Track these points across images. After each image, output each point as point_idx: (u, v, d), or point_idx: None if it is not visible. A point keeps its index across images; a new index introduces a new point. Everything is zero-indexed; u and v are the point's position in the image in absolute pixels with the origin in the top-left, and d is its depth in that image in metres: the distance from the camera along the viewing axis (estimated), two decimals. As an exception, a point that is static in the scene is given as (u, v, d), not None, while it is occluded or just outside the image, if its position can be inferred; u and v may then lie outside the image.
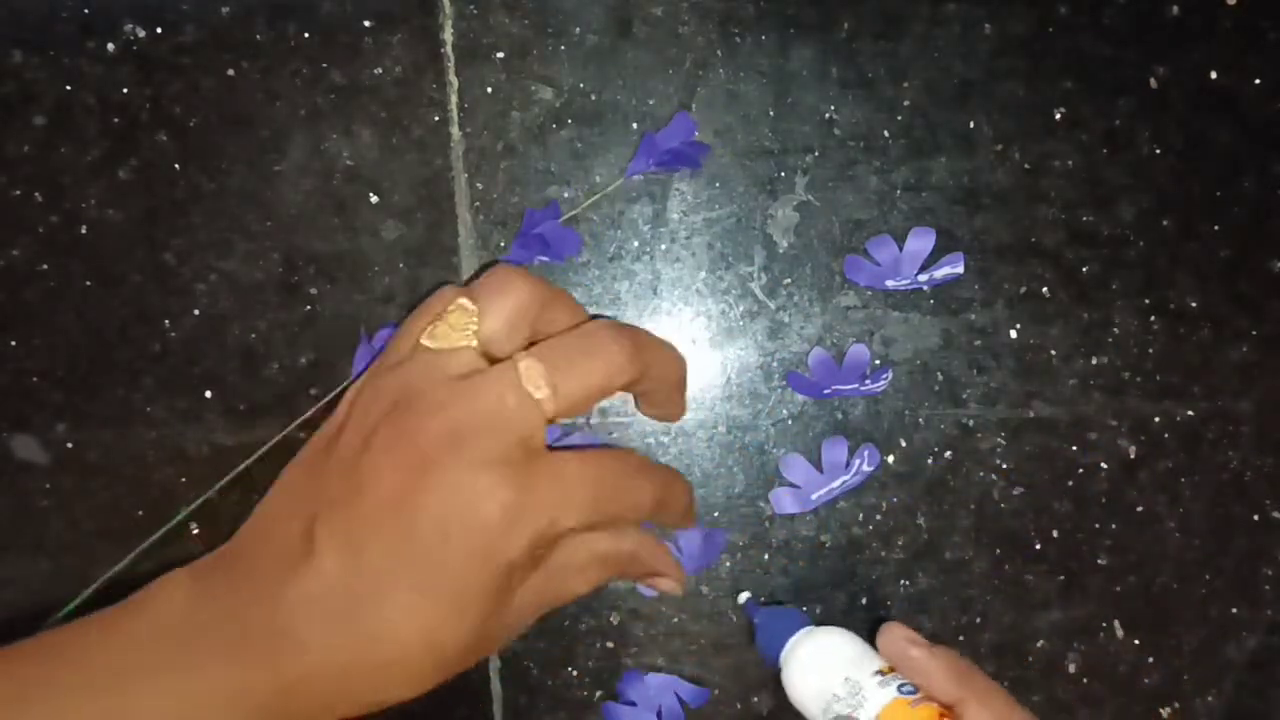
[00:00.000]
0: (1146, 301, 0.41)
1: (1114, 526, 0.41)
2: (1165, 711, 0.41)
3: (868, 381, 0.40)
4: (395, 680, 0.29)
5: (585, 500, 0.30)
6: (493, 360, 0.30)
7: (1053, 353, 0.41)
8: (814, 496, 0.40)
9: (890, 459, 0.40)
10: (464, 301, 0.31)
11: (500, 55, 0.40)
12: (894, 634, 0.35)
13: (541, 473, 0.29)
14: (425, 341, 0.30)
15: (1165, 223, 0.41)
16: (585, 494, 0.30)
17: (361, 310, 0.40)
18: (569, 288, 0.40)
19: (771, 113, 0.40)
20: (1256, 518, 0.41)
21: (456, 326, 0.31)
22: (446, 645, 0.29)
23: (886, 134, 0.40)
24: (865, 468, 0.40)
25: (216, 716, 0.28)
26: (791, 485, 0.40)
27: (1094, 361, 0.41)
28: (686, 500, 0.35)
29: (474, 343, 0.30)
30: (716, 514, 0.40)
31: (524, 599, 0.30)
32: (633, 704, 0.40)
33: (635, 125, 0.40)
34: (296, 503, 0.30)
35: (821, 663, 0.35)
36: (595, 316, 0.34)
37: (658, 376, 0.32)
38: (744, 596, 0.40)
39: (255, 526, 0.31)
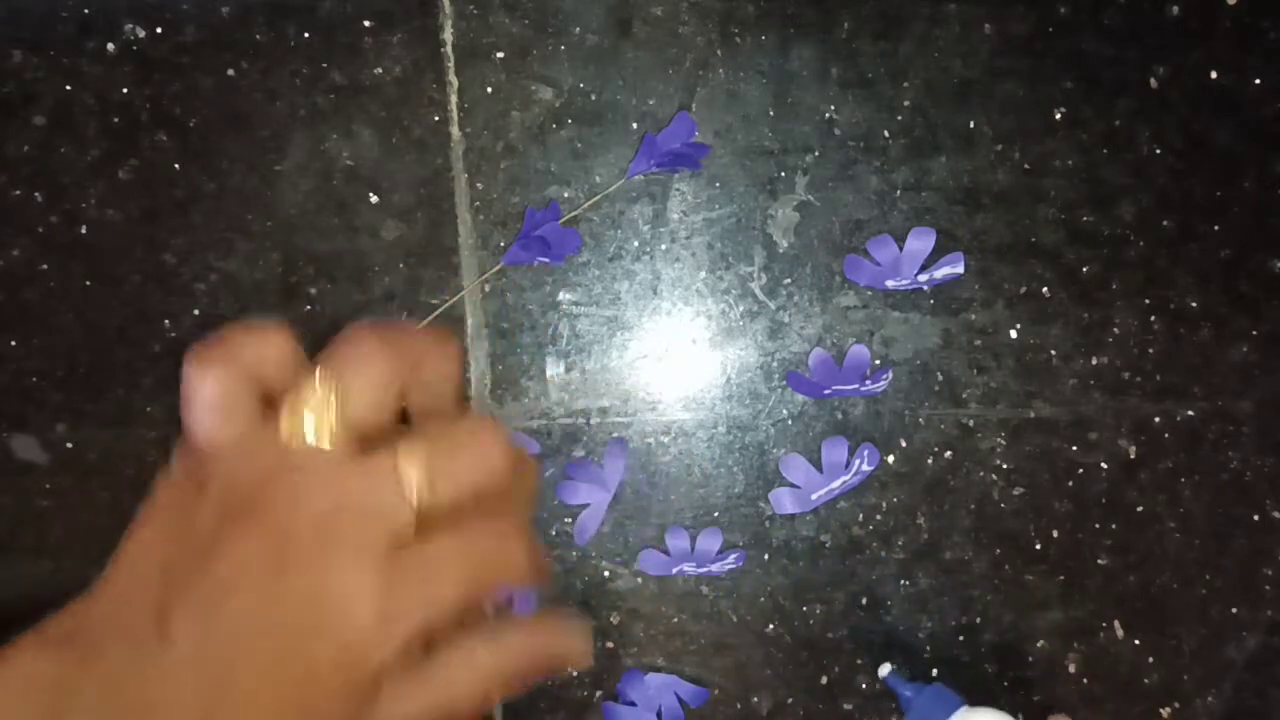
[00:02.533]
0: (1146, 301, 0.41)
1: (1114, 526, 0.41)
2: (1165, 711, 0.41)
3: (868, 382, 0.40)
4: None
5: (463, 592, 0.28)
6: (360, 436, 0.29)
7: (1053, 353, 0.41)
8: (814, 496, 0.40)
9: (890, 459, 0.40)
10: (318, 385, 0.29)
11: (500, 55, 0.40)
12: None
13: (412, 571, 0.27)
14: (285, 424, 0.28)
15: (1165, 223, 0.41)
16: (463, 586, 0.28)
17: (361, 310, 0.40)
18: (569, 288, 0.40)
19: (771, 113, 0.40)
20: (1256, 518, 0.41)
21: (314, 418, 0.28)
22: None
23: (886, 134, 0.40)
24: (865, 468, 0.40)
25: None
26: (791, 485, 0.40)
27: (1094, 361, 0.41)
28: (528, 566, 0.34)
29: (334, 425, 0.28)
30: (716, 514, 0.40)
31: (396, 709, 0.29)
32: (633, 704, 0.40)
33: (635, 125, 0.40)
34: (149, 576, 0.28)
35: None
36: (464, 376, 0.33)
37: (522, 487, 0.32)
38: (886, 670, 0.40)
39: (107, 596, 0.29)
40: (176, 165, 0.40)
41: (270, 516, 0.27)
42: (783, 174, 0.40)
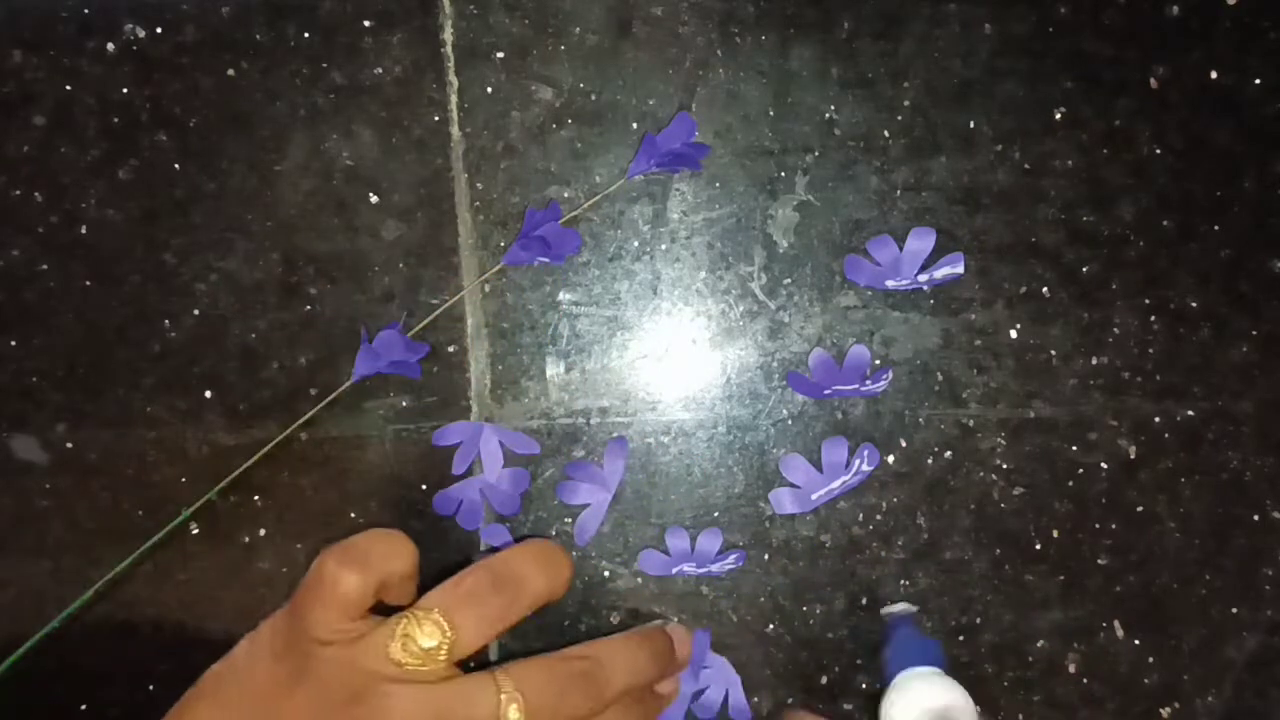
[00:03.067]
0: (1146, 301, 0.41)
1: (1114, 526, 0.41)
2: (1165, 711, 0.41)
3: (868, 382, 0.40)
4: None
5: None
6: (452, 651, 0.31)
7: (1053, 353, 0.41)
8: (814, 496, 0.40)
9: (890, 459, 0.40)
10: (440, 620, 0.30)
11: (500, 55, 0.40)
12: None
13: None
14: (396, 645, 0.30)
15: (1165, 223, 0.41)
16: None
17: (361, 310, 0.40)
18: (569, 288, 0.40)
19: (771, 113, 0.40)
20: (1256, 518, 0.41)
21: (431, 650, 0.30)
22: None
23: (886, 134, 0.40)
24: (865, 468, 0.40)
25: None
26: (791, 485, 0.40)
27: (1094, 361, 0.41)
28: (670, 659, 0.36)
29: (442, 658, 0.30)
30: (716, 514, 0.40)
31: None
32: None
33: (635, 125, 0.40)
34: None
35: (920, 706, 0.35)
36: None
37: (626, 681, 0.34)
38: (893, 609, 0.40)
39: None
40: (176, 165, 0.40)
41: None
42: (783, 174, 0.40)
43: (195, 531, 0.40)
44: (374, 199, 0.40)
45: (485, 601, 0.31)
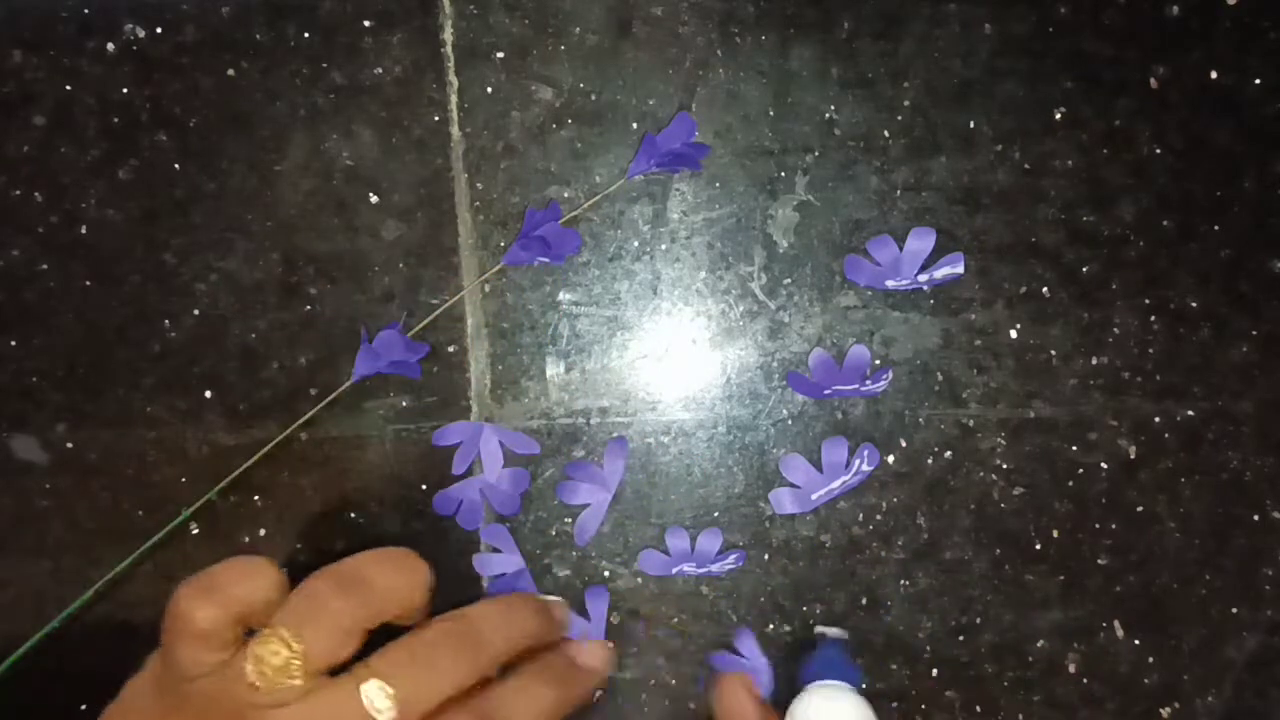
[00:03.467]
0: (1146, 301, 0.41)
1: (1114, 526, 0.41)
2: (1165, 711, 0.41)
3: (868, 382, 0.40)
4: None
5: None
6: (328, 666, 0.30)
7: (1053, 353, 0.41)
8: (814, 496, 0.40)
9: (890, 459, 0.41)
10: (284, 634, 0.29)
11: (500, 55, 0.40)
12: None
13: None
14: (250, 669, 0.29)
15: (1165, 223, 0.41)
16: None
17: (361, 310, 0.40)
18: (569, 288, 0.40)
19: (771, 113, 0.40)
20: (1256, 518, 0.41)
21: (281, 666, 0.29)
22: None
23: (886, 134, 0.40)
24: (865, 468, 0.40)
25: None
26: (791, 485, 0.40)
27: (1094, 361, 0.41)
28: (549, 619, 0.36)
29: (297, 677, 0.29)
30: (716, 514, 0.40)
31: None
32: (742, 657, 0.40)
33: (635, 125, 0.40)
34: None
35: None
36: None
37: (505, 644, 0.33)
38: (824, 631, 0.40)
39: None
40: (176, 165, 0.40)
41: None
42: (783, 174, 0.40)
43: (195, 531, 0.40)
44: (374, 199, 0.40)
45: (329, 608, 0.30)
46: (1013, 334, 0.41)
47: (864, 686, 0.37)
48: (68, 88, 0.39)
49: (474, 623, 0.32)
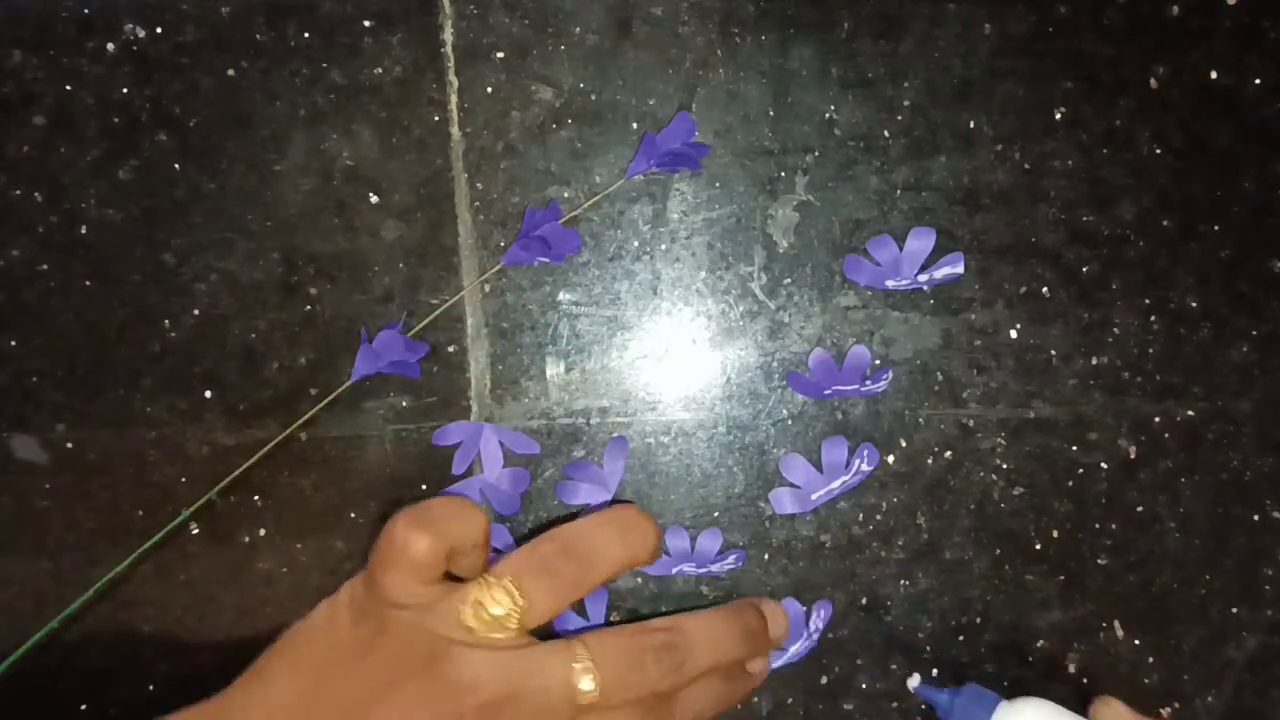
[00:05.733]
0: (1146, 301, 0.41)
1: (1114, 526, 0.41)
2: (1165, 711, 0.41)
3: (868, 382, 0.40)
4: None
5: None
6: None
7: (1053, 353, 0.41)
8: (814, 496, 0.40)
9: (890, 459, 0.40)
10: (510, 587, 0.30)
11: (500, 55, 0.40)
12: (1114, 708, 0.35)
13: None
14: (469, 610, 0.30)
15: (1165, 223, 0.41)
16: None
17: (361, 310, 0.40)
18: (569, 288, 0.40)
19: (771, 113, 0.40)
20: (1256, 518, 0.41)
21: (502, 615, 0.30)
22: None
23: (886, 134, 0.40)
24: (865, 468, 0.40)
25: None
26: (791, 485, 0.40)
27: (1094, 361, 0.41)
28: (761, 637, 0.35)
29: (514, 627, 0.30)
30: (716, 514, 0.40)
31: None
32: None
33: (635, 125, 0.40)
34: (293, 701, 0.29)
35: None
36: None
37: (705, 655, 0.33)
38: (914, 682, 0.40)
39: (242, 704, 0.30)
40: (176, 165, 0.40)
41: (439, 690, 0.28)
42: (783, 174, 0.40)
43: (195, 531, 0.40)
44: (374, 199, 0.40)
45: (557, 570, 0.31)
46: (1013, 334, 0.41)
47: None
48: (68, 88, 0.39)
49: (689, 635, 0.33)
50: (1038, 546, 0.41)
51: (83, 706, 0.40)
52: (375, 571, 0.30)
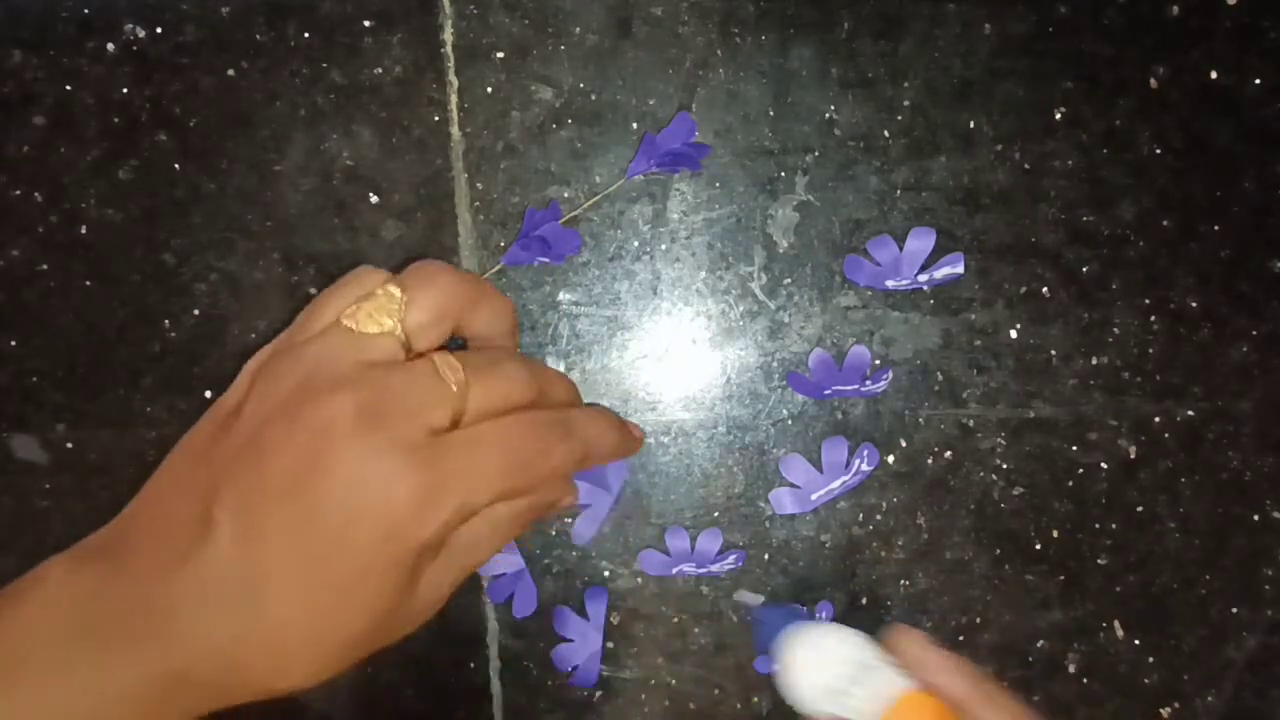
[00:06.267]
0: (1146, 301, 0.41)
1: (1114, 526, 0.41)
2: (1165, 711, 0.41)
3: (868, 382, 0.40)
4: (290, 669, 0.28)
5: (498, 478, 0.29)
6: (409, 354, 0.31)
7: (1053, 353, 0.41)
8: (814, 496, 0.40)
9: (890, 459, 0.41)
10: (393, 289, 0.31)
11: (500, 55, 0.40)
12: (904, 632, 0.35)
13: (452, 455, 0.29)
14: (346, 322, 0.30)
15: (1165, 223, 0.41)
16: (497, 472, 0.29)
17: (361, 310, 0.40)
18: (569, 288, 0.40)
19: (771, 113, 0.40)
20: (1256, 518, 0.41)
21: (381, 312, 0.30)
22: (342, 636, 0.28)
23: (886, 134, 0.40)
24: (865, 468, 0.40)
25: (108, 708, 0.27)
26: (791, 485, 0.40)
27: (1094, 361, 0.41)
28: (614, 440, 0.35)
29: (397, 330, 0.30)
30: (716, 514, 0.40)
31: (432, 581, 0.30)
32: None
33: (635, 125, 0.40)
34: (193, 478, 0.29)
35: (824, 655, 0.34)
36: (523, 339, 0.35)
37: (556, 401, 0.34)
38: (742, 594, 0.40)
39: (146, 505, 0.30)
40: (176, 165, 0.40)
41: (313, 408, 0.28)
42: (783, 174, 0.40)
43: (195, 531, 0.40)
44: (374, 199, 0.40)
45: (439, 278, 0.32)
46: (1013, 334, 0.41)
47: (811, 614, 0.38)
48: (68, 88, 0.39)
49: (535, 362, 0.34)
50: (1038, 546, 0.41)
51: (83, 706, 0.40)
52: (303, 316, 0.32)
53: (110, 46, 0.39)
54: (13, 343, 0.40)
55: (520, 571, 0.40)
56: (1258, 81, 0.41)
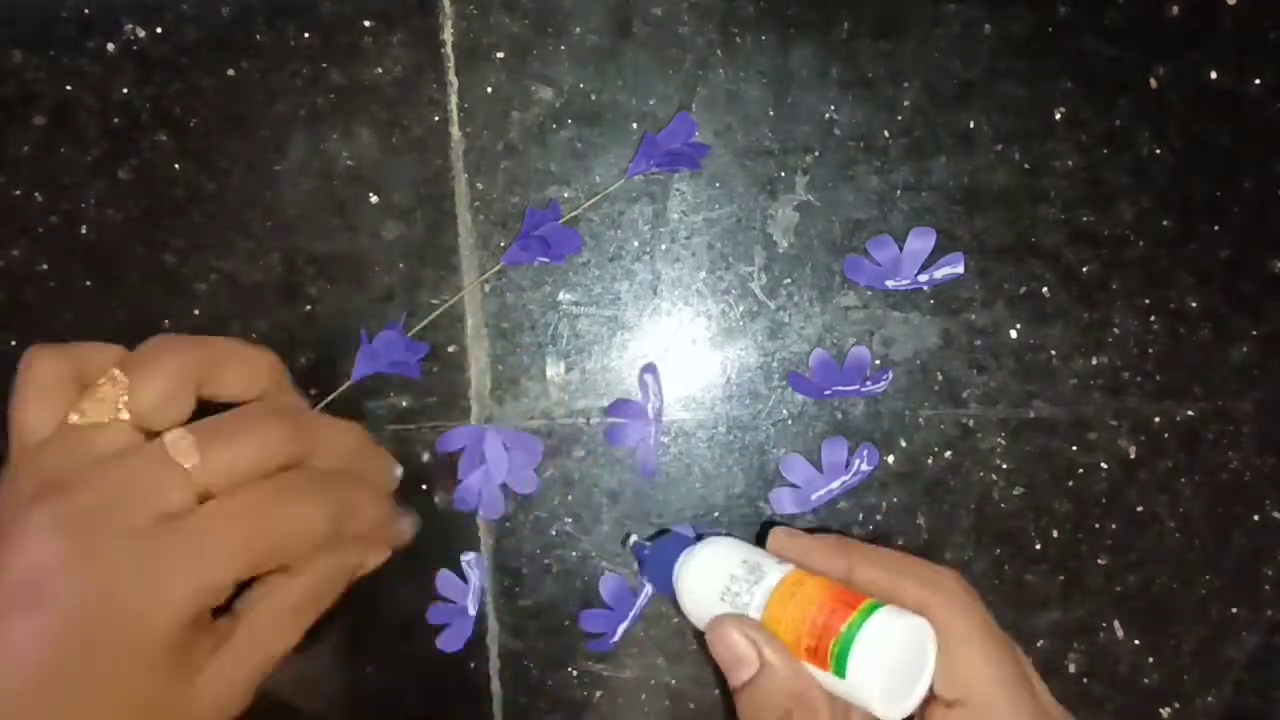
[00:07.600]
0: (1146, 301, 0.41)
1: (1114, 526, 0.41)
2: (1165, 711, 0.41)
3: (868, 382, 0.40)
4: None
5: (238, 552, 0.28)
6: (151, 434, 0.29)
7: (1053, 353, 0.41)
8: (814, 496, 0.40)
9: (890, 459, 0.40)
10: (115, 373, 0.29)
11: (500, 55, 0.40)
12: (778, 530, 0.36)
13: (180, 538, 0.27)
14: (73, 417, 0.29)
15: (1165, 223, 0.41)
16: (236, 546, 0.28)
17: (361, 310, 0.40)
18: (569, 288, 0.40)
19: (771, 113, 0.40)
20: (1256, 518, 0.41)
21: (105, 400, 0.29)
22: None
23: (886, 134, 0.40)
24: (865, 468, 0.40)
25: None
26: (791, 485, 0.40)
27: (1094, 361, 0.41)
28: (375, 511, 0.33)
29: (125, 416, 0.29)
30: (716, 514, 0.40)
31: (219, 673, 0.29)
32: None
33: (635, 125, 0.40)
34: None
35: (712, 568, 0.34)
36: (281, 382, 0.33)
37: (330, 451, 0.32)
38: (632, 539, 0.40)
39: None
40: (176, 165, 0.40)
41: (41, 515, 0.27)
42: (783, 174, 0.40)
43: (195, 531, 0.40)
44: (374, 199, 0.40)
45: (162, 355, 0.30)
46: (1013, 334, 0.41)
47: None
48: (68, 88, 0.39)
49: (300, 414, 0.32)
50: (1038, 546, 0.41)
51: (83, 706, 0.40)
52: (14, 410, 0.30)
53: (110, 47, 0.39)
54: (13, 343, 0.40)
55: (463, 609, 0.40)
56: (1258, 81, 0.41)
